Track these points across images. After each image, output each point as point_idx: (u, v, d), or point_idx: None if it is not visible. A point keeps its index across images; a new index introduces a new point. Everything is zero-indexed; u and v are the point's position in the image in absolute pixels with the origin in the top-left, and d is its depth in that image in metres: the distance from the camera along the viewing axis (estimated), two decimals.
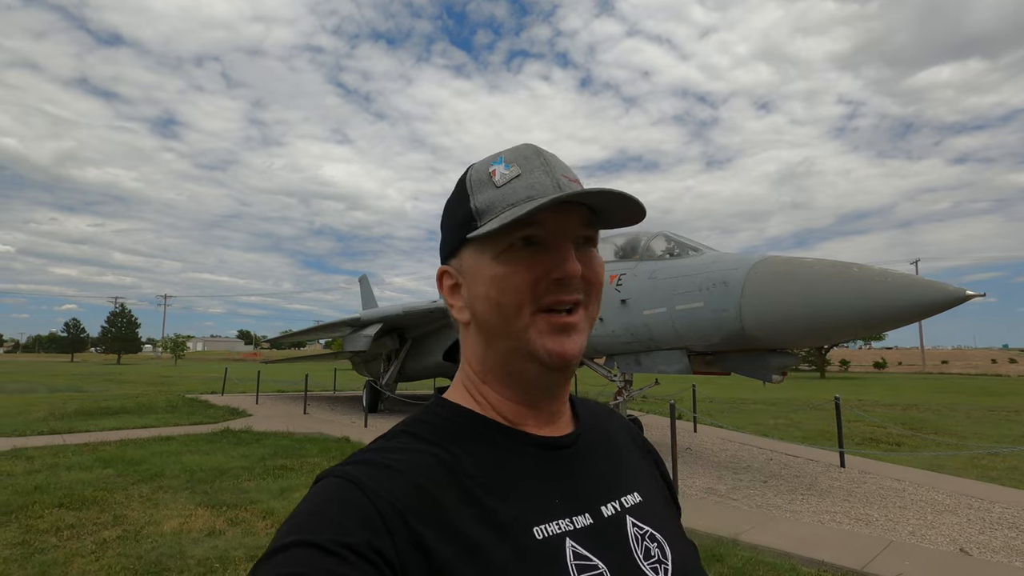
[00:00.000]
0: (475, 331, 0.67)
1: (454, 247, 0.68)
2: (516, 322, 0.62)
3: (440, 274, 0.70)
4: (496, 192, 0.64)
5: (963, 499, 6.07)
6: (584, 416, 0.74)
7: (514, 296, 0.62)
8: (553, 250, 0.63)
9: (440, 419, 0.65)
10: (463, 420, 0.65)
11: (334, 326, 17.08)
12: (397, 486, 0.55)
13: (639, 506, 0.68)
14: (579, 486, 0.65)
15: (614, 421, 0.80)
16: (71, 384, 24.15)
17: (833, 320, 5.79)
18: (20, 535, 4.55)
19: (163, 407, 13.66)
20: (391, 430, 0.64)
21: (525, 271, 0.62)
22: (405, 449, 0.60)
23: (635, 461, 0.76)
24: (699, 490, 6.32)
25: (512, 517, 0.57)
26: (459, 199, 0.67)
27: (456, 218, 0.67)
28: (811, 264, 6.10)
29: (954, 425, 12.20)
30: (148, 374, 34.90)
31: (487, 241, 0.63)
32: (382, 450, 0.60)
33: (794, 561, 4.24)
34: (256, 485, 6.26)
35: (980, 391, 23.45)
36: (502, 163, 0.66)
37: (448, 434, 0.63)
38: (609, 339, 8.32)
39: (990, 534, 4.93)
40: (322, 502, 0.53)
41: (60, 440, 8.83)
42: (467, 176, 0.68)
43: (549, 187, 0.63)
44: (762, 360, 6.98)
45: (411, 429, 0.63)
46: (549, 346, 0.62)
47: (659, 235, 8.28)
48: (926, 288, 5.32)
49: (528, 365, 0.64)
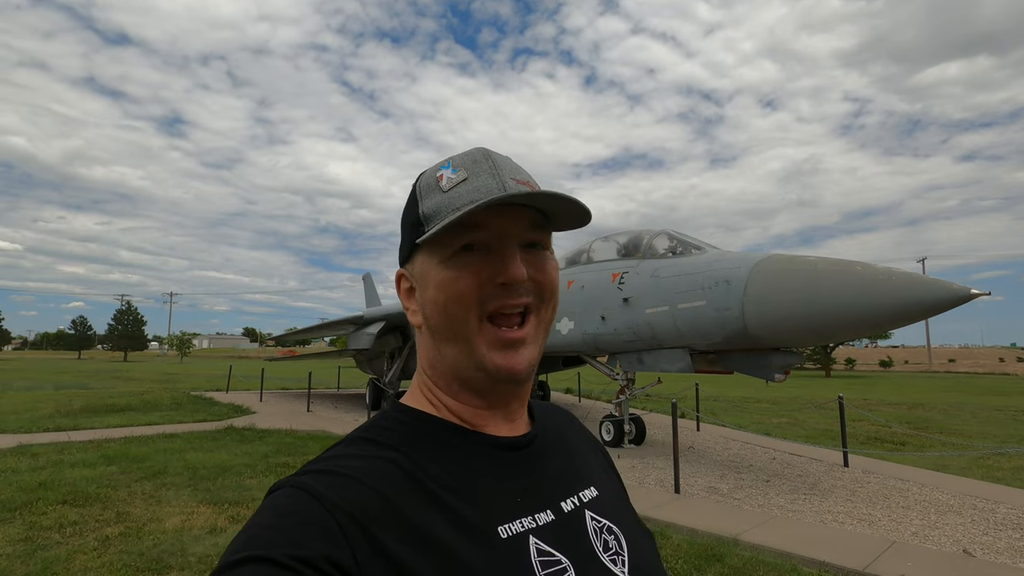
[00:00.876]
0: (427, 335, 0.67)
1: (408, 252, 0.68)
2: (464, 328, 0.62)
3: (397, 277, 0.71)
4: (442, 197, 0.64)
5: (967, 499, 6.02)
6: (540, 416, 0.75)
7: (460, 301, 0.62)
8: (497, 254, 0.63)
9: (399, 424, 0.65)
10: (422, 424, 0.65)
11: (337, 324, 17.13)
12: (355, 494, 0.53)
13: (596, 500, 0.69)
14: (539, 484, 0.65)
15: (566, 420, 0.82)
16: (78, 381, 24.31)
17: (836, 319, 5.76)
18: (24, 531, 4.58)
19: (168, 404, 13.72)
20: (348, 436, 0.63)
21: (470, 276, 0.62)
22: (363, 456, 0.59)
23: (588, 457, 0.78)
24: (701, 489, 6.30)
25: (477, 518, 0.57)
26: (410, 204, 0.68)
27: (408, 223, 0.68)
28: (814, 263, 6.06)
29: (960, 425, 12.12)
30: (154, 371, 35.10)
31: (434, 246, 0.64)
32: (339, 457, 0.59)
33: (795, 561, 4.22)
34: (258, 483, 6.28)
35: (987, 390, 23.28)
36: (450, 168, 0.66)
37: (407, 439, 0.62)
38: (612, 337, 8.31)
39: (994, 535, 4.90)
40: (276, 514, 0.52)
41: (65, 437, 8.89)
42: (418, 182, 0.69)
43: (494, 189, 0.62)
44: (765, 359, 6.95)
45: (369, 435, 0.63)
46: (497, 361, 0.62)
47: (661, 233, 8.26)
48: (930, 287, 5.28)
49: (476, 375, 0.64)
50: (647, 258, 8.05)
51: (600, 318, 8.38)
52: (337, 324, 17.20)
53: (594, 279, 8.69)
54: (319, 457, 0.60)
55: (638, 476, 6.89)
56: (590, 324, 8.59)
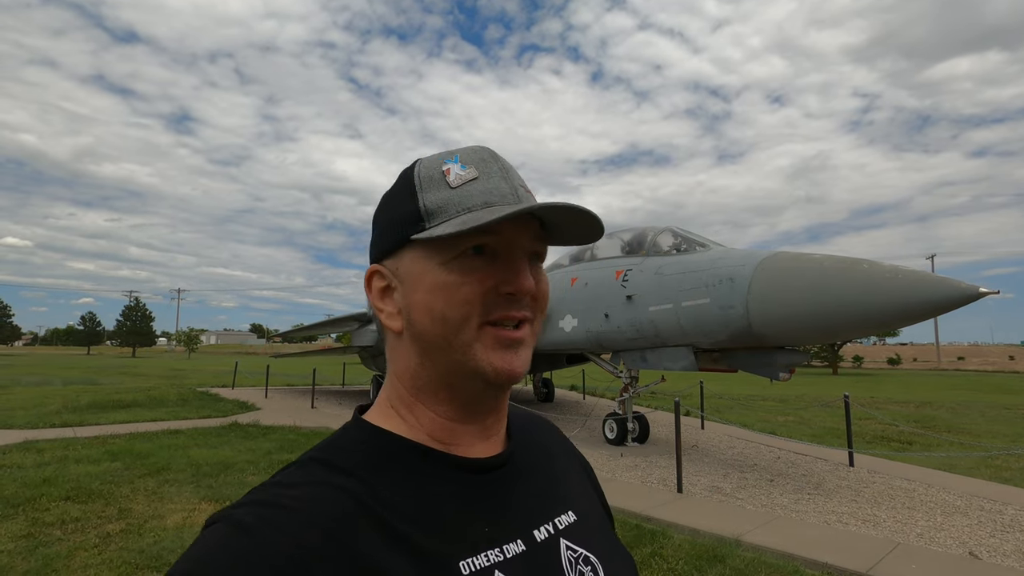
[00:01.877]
0: (409, 342, 0.61)
1: (392, 246, 0.61)
2: (461, 335, 0.57)
3: (370, 274, 0.64)
4: (450, 193, 0.59)
5: (975, 500, 5.95)
6: (517, 431, 0.69)
7: (462, 308, 0.57)
8: (507, 262, 0.59)
9: (358, 444, 0.59)
10: (384, 444, 0.59)
11: (342, 321, 17.20)
12: (296, 528, 0.48)
13: (573, 526, 0.64)
14: (511, 510, 0.60)
15: (548, 433, 0.77)
16: (86, 377, 24.51)
17: (841, 317, 5.70)
18: (26, 528, 4.61)
19: (174, 400, 13.80)
20: (300, 458, 0.58)
21: (476, 282, 0.57)
22: (310, 482, 0.53)
23: (570, 475, 0.72)
24: (703, 488, 6.25)
25: (436, 551, 0.52)
26: (404, 195, 0.61)
27: (398, 215, 0.61)
28: (819, 260, 6.00)
29: (968, 424, 11.99)
30: (161, 367, 35.33)
31: (435, 245, 0.58)
32: (282, 485, 0.54)
33: (797, 563, 4.17)
34: (260, 480, 6.24)
35: (996, 388, 23.05)
36: (457, 163, 0.61)
37: (366, 461, 0.57)
38: (615, 335, 8.27)
39: (1001, 537, 4.83)
40: (203, 557, 0.47)
41: (71, 433, 8.95)
42: (415, 172, 0.62)
43: (508, 195, 0.59)
44: (769, 357, 6.89)
45: (322, 456, 0.57)
46: (496, 363, 0.58)
47: (666, 230, 8.19)
48: (937, 285, 5.20)
49: (470, 382, 0.59)
50: (651, 255, 7.99)
51: (603, 315, 8.34)
52: (342, 321, 17.26)
53: (598, 276, 8.65)
54: (264, 483, 0.55)
55: (641, 475, 6.85)
56: (593, 321, 8.55)
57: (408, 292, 0.60)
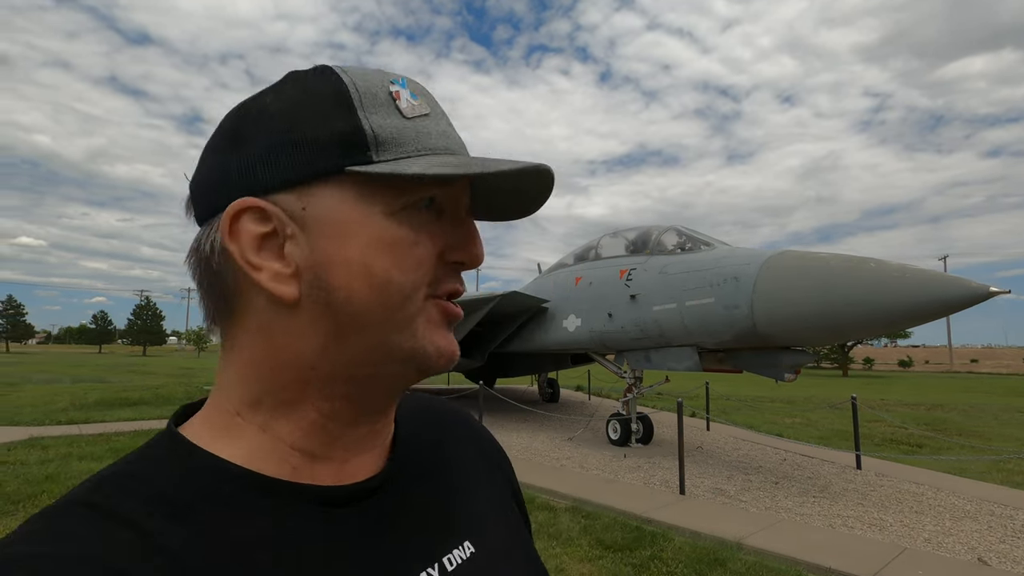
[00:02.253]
0: (313, 317, 0.44)
1: (299, 176, 0.43)
2: (407, 307, 0.44)
3: (238, 212, 0.43)
4: (405, 124, 0.45)
5: (985, 505, 5.82)
6: (406, 434, 0.55)
7: (414, 273, 0.44)
8: (459, 224, 0.48)
9: (161, 471, 0.41)
10: (201, 475, 0.41)
11: None
12: None
13: (471, 562, 0.50)
14: (386, 551, 0.46)
15: (447, 430, 0.61)
16: (95, 375, 24.74)
17: (848, 317, 5.60)
18: None
19: (180, 398, 13.88)
20: (66, 497, 0.39)
21: (429, 241, 0.45)
22: (65, 536, 0.35)
23: (474, 490, 0.58)
24: (707, 490, 6.17)
25: None
26: (324, 105, 0.44)
27: (317, 132, 0.43)
28: (826, 259, 5.90)
29: (980, 427, 11.78)
30: (171, 366, 35.63)
31: (377, 187, 0.43)
32: (28, 540, 0.35)
33: (800, 568, 4.09)
34: None
35: (1010, 391, 22.67)
36: (406, 87, 0.47)
37: (173, 500, 0.39)
38: (619, 335, 8.20)
39: (1011, 543, 4.71)
40: None
41: (77, 430, 9.00)
42: (347, 80, 0.45)
43: (462, 146, 0.49)
44: (774, 358, 6.80)
45: (100, 494, 0.39)
46: (440, 343, 0.46)
47: (670, 229, 8.12)
48: (946, 284, 5.10)
49: (397, 367, 0.46)
50: (655, 254, 7.92)
51: (607, 315, 8.27)
52: None
53: (602, 276, 8.58)
54: (4, 538, 0.36)
55: (643, 476, 6.77)
56: (597, 321, 8.48)
57: (325, 245, 0.43)
